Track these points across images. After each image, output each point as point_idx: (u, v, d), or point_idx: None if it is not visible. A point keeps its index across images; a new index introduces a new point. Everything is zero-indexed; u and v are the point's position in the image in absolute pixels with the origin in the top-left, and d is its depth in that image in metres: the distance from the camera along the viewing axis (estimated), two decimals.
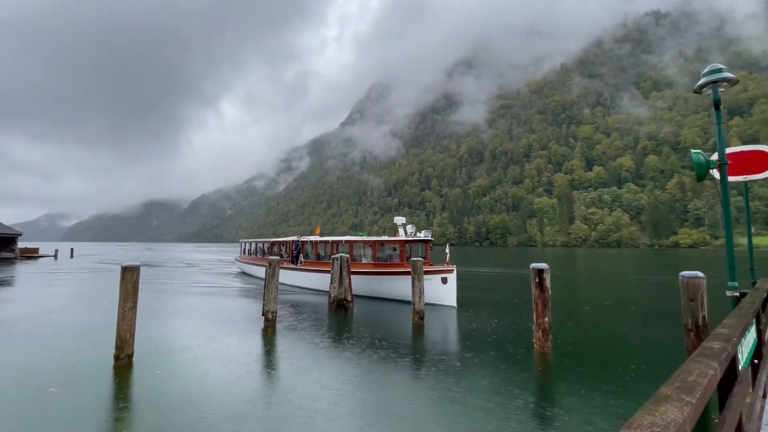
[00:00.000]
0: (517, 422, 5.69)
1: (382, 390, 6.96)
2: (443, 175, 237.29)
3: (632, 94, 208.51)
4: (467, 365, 8.37)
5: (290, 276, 21.65)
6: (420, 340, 10.83)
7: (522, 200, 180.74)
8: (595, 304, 17.30)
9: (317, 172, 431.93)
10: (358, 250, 19.27)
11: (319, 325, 12.31)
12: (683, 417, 1.17)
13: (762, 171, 5.95)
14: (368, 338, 10.62)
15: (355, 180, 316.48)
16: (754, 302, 4.03)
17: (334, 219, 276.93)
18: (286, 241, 24.13)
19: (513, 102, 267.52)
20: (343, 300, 15.59)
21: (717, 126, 5.10)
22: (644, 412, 1.20)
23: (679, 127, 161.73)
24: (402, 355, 9.10)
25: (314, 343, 10.28)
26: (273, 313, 12.43)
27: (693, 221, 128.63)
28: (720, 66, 5.14)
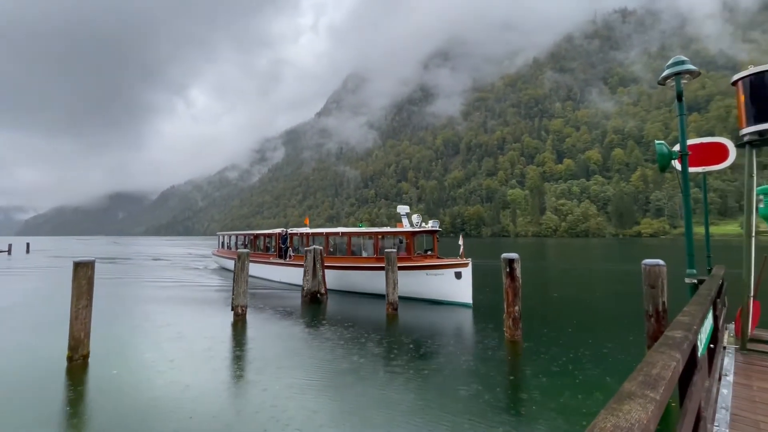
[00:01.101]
0: (488, 412, 5.72)
1: (354, 382, 6.86)
2: (419, 166, 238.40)
3: (600, 89, 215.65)
4: (440, 355, 8.39)
5: (278, 272, 20.09)
6: (394, 331, 10.78)
7: (496, 192, 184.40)
8: (564, 292, 17.85)
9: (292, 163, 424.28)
10: (357, 243, 17.73)
11: (292, 319, 12.05)
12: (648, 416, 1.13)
13: (720, 162, 6.18)
14: (341, 331, 10.48)
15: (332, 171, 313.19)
16: (710, 289, 4.15)
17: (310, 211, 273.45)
18: (272, 234, 22.39)
19: (488, 95, 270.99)
20: (316, 293, 15.35)
21: (680, 117, 5.20)
22: (607, 412, 1.15)
23: (642, 122, 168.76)
24: (375, 347, 9.02)
25: (285, 337, 10.05)
26: (243, 307, 12.08)
27: (654, 212, 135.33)
28: (683, 58, 5.22)
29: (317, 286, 15.40)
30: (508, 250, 14.16)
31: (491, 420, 5.46)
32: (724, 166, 6.20)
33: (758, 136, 5.09)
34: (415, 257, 16.01)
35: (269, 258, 21.27)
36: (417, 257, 16.14)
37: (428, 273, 14.73)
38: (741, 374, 4.54)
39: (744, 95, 5.16)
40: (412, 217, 16.98)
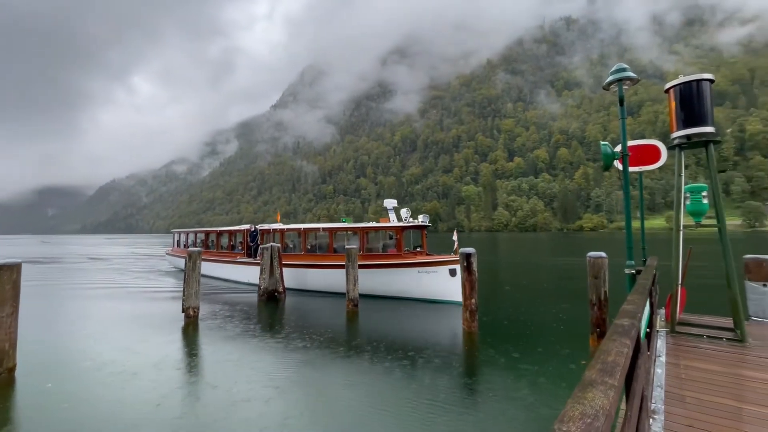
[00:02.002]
0: (446, 404, 5.88)
1: (311, 380, 6.75)
2: (378, 162, 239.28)
3: (548, 91, 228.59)
4: (398, 350, 8.49)
5: (246, 272, 18.21)
6: (354, 328, 10.76)
7: (452, 188, 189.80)
8: (515, 284, 18.79)
9: (246, 157, 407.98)
10: (340, 240, 16.45)
11: (247, 320, 11.62)
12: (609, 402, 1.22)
13: (654, 162, 6.79)
14: (300, 330, 10.27)
15: (288, 166, 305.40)
16: (647, 279, 4.54)
17: (265, 207, 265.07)
18: (239, 231, 20.29)
19: (443, 93, 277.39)
20: (274, 291, 14.93)
21: (621, 120, 5.62)
22: (574, 401, 1.22)
23: (584, 124, 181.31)
24: (333, 345, 8.93)
25: (240, 338, 9.66)
26: (194, 309, 11.46)
27: (594, 207, 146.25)
28: (625, 66, 5.64)
29: (275, 285, 14.97)
30: (463, 244, 14.49)
31: (448, 412, 5.62)
32: (657, 166, 6.82)
33: (686, 139, 5.63)
34: (406, 254, 15.11)
35: (236, 257, 19.46)
36: (407, 254, 15.25)
37: (421, 270, 13.95)
38: (671, 354, 5.03)
39: (675, 102, 5.68)
40: (401, 212, 15.91)
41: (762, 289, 6.41)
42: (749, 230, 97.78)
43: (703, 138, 5.58)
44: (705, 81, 5.56)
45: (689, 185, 5.88)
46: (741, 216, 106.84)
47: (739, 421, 3.34)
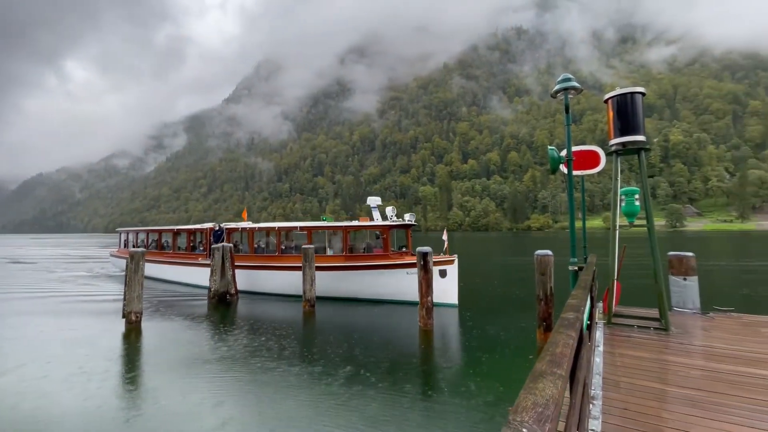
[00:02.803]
0: (401, 401, 5.95)
1: (263, 384, 6.54)
2: (336, 161, 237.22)
3: (500, 97, 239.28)
4: (354, 350, 8.46)
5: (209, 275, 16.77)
6: (310, 329, 10.58)
7: (409, 188, 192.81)
8: (469, 282, 19.46)
9: (196, 152, 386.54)
10: (320, 239, 15.44)
11: (196, 324, 11.02)
12: (558, 391, 1.29)
13: (594, 167, 7.34)
14: (252, 333, 9.91)
15: (242, 163, 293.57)
16: (589, 275, 4.90)
17: (216, 205, 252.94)
18: (201, 230, 18.58)
19: (402, 94, 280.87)
20: (225, 294, 14.29)
21: (566, 127, 6.02)
22: (526, 392, 1.27)
23: (533, 129, 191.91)
24: (287, 347, 8.72)
25: (186, 343, 9.13)
26: (137, 314, 10.67)
27: (541, 208, 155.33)
28: (570, 76, 6.04)
29: (226, 287, 14.34)
30: (420, 243, 14.68)
31: (404, 409, 5.70)
32: (597, 170, 7.40)
33: (622, 146, 6.14)
34: (393, 254, 14.45)
35: (197, 258, 17.67)
36: (394, 254, 14.59)
37: (410, 272, 13.19)
38: (608, 344, 5.46)
39: (613, 112, 6.18)
40: (387, 210, 15.21)
41: (683, 283, 7.15)
42: (671, 230, 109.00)
43: (636, 146, 6.12)
44: (638, 94, 6.10)
45: (624, 188, 6.42)
46: (665, 217, 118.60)
47: (663, 401, 3.71)
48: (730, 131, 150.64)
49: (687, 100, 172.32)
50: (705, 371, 4.43)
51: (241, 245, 17.43)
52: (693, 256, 7.20)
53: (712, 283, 16.34)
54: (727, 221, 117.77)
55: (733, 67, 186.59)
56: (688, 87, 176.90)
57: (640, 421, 3.35)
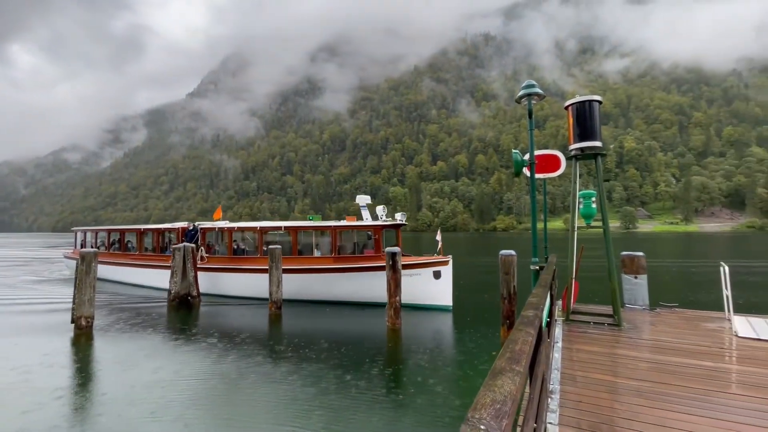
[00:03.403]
0: (369, 401, 5.94)
1: (226, 389, 6.33)
2: (306, 160, 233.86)
3: (468, 101, 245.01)
4: (322, 351, 8.37)
5: None
6: (276, 332, 10.36)
7: (380, 189, 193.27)
8: None
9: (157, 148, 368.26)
10: (307, 239, 14.74)
11: (154, 328, 10.48)
12: (516, 387, 1.32)
13: (555, 170, 7.68)
14: (215, 336, 9.56)
15: (206, 160, 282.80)
16: (549, 274, 5.11)
17: (178, 203, 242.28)
18: (172, 229, 17.34)
19: (373, 95, 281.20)
20: (186, 296, 13.71)
21: (530, 131, 6.25)
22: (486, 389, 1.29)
23: (499, 133, 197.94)
24: (253, 350, 8.49)
25: (142, 349, 8.66)
26: (88, 318, 10.02)
27: (506, 209, 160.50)
28: (533, 82, 6.28)
29: (187, 289, 13.76)
30: (389, 243, 14.70)
31: (372, 408, 5.70)
32: (558, 173, 7.74)
33: (581, 151, 6.46)
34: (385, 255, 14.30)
35: (168, 260, 16.04)
36: None
37: (403, 273, 12.74)
38: (566, 340, 5.72)
39: (572, 118, 6.49)
40: (377, 209, 14.64)
41: (634, 281, 7.62)
42: (625, 231, 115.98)
43: (593, 151, 6.45)
44: (595, 102, 6.44)
45: (582, 192, 6.75)
46: (619, 219, 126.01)
47: (614, 393, 3.93)
48: (676, 140, 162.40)
49: (639, 109, 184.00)
50: (651, 363, 4.74)
51: (217, 246, 16.40)
52: (643, 255, 7.69)
53: (659, 280, 17.52)
54: (673, 223, 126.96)
55: (679, 81, 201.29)
56: (640, 97, 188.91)
57: (593, 413, 3.48)
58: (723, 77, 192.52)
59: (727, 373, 4.42)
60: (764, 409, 3.52)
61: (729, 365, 4.69)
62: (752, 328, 5.99)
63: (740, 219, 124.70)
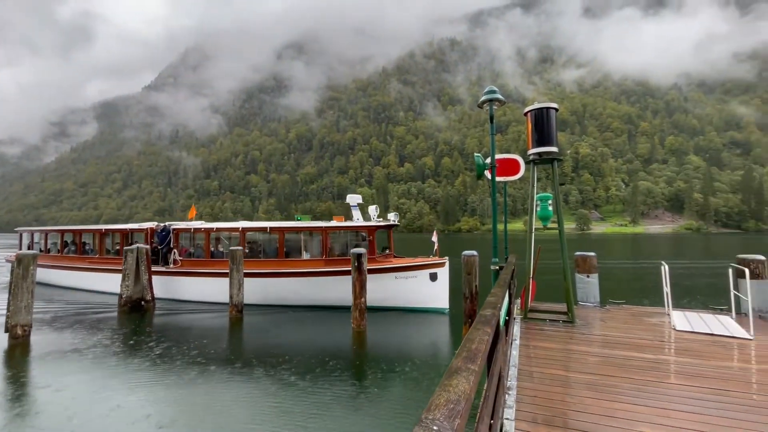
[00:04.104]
0: (333, 402, 5.88)
1: (181, 397, 6.03)
2: (271, 159, 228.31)
3: (435, 104, 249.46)
4: (287, 354, 8.19)
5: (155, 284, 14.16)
6: (237, 336, 10.01)
7: (347, 189, 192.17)
8: None
9: (109, 143, 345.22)
10: (295, 242, 13.96)
11: (101, 336, 9.80)
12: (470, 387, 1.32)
13: (515, 174, 7.99)
14: (172, 343, 9.09)
15: (164, 157, 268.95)
16: (507, 274, 5.28)
17: (132, 202, 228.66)
18: (138, 230, 15.98)
19: (340, 95, 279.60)
20: (139, 300, 12.94)
21: (491, 136, 6.45)
22: (441, 389, 1.29)
23: (464, 137, 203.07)
24: (213, 355, 8.16)
25: (85, 361, 8.07)
26: (24, 327, 9.20)
27: (470, 211, 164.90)
28: (495, 89, 6.48)
29: (141, 293, 13.00)
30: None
31: (333, 411, 5.64)
32: (518, 177, 8.05)
33: (538, 156, 6.74)
34: (380, 257, 13.38)
35: None
36: (381, 257, 13.50)
37: (398, 276, 12.48)
38: (524, 337, 5.94)
39: (531, 124, 6.76)
40: (369, 209, 14.04)
41: (587, 279, 8.05)
42: (580, 232, 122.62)
43: (550, 156, 6.75)
44: (552, 109, 6.75)
45: (539, 194, 7.05)
46: (574, 221, 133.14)
47: (567, 387, 4.13)
48: (625, 147, 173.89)
49: (593, 117, 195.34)
50: (601, 357, 5.02)
51: (192, 249, 15.25)
52: (594, 255, 8.14)
53: (609, 279, 18.66)
54: (622, 225, 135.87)
55: (628, 92, 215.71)
56: (594, 106, 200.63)
57: (547, 407, 3.63)
58: (666, 90, 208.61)
59: (666, 365, 4.77)
60: (698, 397, 3.82)
61: (668, 357, 5.06)
62: (688, 321, 6.50)
63: (680, 221, 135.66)
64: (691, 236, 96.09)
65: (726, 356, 5.02)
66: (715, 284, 16.31)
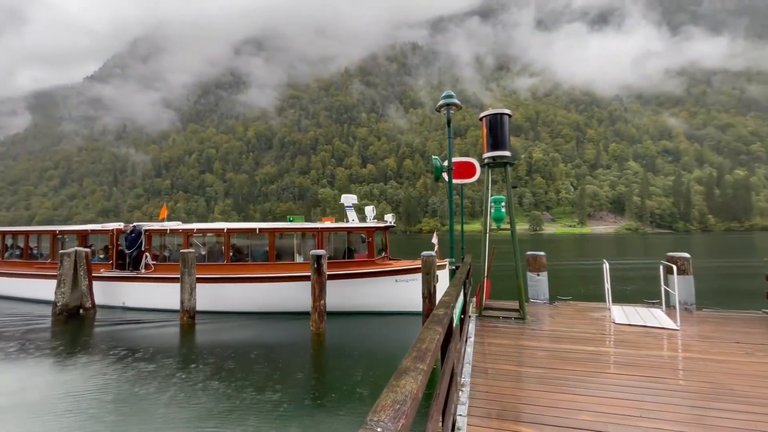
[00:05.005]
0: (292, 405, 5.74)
1: (132, 410, 5.63)
2: (228, 158, 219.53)
3: (397, 106, 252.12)
4: (245, 359, 7.90)
5: (126, 292, 13.08)
6: (190, 343, 9.51)
7: (308, 190, 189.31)
8: None
9: (44, 137, 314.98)
10: (287, 243, 13.25)
11: (32, 348, 8.92)
12: (417, 386, 1.34)
13: (471, 176, 8.25)
14: (115, 353, 8.46)
15: (109, 153, 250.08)
16: (463, 273, 5.43)
17: (71, 202, 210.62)
18: (101, 231, 14.39)
19: (302, 94, 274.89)
20: (77, 308, 11.93)
21: (448, 139, 6.61)
22: (388, 390, 1.29)
23: (426, 140, 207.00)
24: (164, 365, 7.70)
25: (24, 372, 7.34)
26: None
27: (431, 212, 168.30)
28: (451, 93, 6.66)
29: (79, 300, 11.99)
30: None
31: (295, 413, 5.51)
32: (474, 179, 8.32)
33: (492, 159, 7.00)
34: (379, 260, 12.93)
35: (99, 270, 13.62)
36: (380, 260, 13.03)
37: (399, 279, 12.07)
38: (479, 335, 6.14)
39: (486, 129, 7.01)
40: (366, 210, 13.70)
41: (537, 278, 8.47)
42: (533, 233, 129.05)
43: (503, 160, 7.03)
44: (506, 115, 7.03)
45: (493, 197, 7.32)
46: (528, 222, 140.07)
47: (519, 381, 4.31)
48: (574, 153, 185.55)
49: (545, 124, 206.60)
50: (549, 352, 5.30)
51: (167, 252, 14.05)
52: (544, 255, 8.58)
53: (558, 277, 19.77)
54: (571, 226, 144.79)
55: (576, 101, 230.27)
56: (546, 114, 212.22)
57: (499, 402, 3.76)
58: (609, 101, 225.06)
59: (606, 356, 5.12)
60: (633, 384, 4.14)
61: (608, 348, 5.44)
62: (625, 315, 7.03)
63: (621, 222, 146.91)
64: (631, 236, 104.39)
65: (657, 346, 5.48)
66: (649, 280, 17.81)
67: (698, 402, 3.73)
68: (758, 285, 8.63)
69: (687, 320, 6.71)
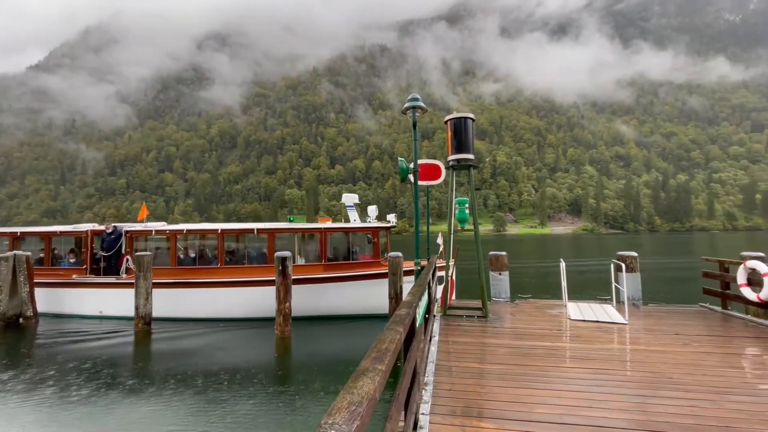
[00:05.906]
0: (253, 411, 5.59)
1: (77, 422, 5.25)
2: (189, 156, 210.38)
3: (366, 108, 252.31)
4: (206, 366, 7.59)
5: (103, 299, 11.95)
6: (144, 352, 9.02)
7: (275, 191, 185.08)
8: None
9: None
10: (287, 246, 12.54)
11: None
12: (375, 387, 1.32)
13: (437, 178, 8.40)
14: (62, 365, 7.87)
15: (55, 149, 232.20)
16: (427, 273, 5.52)
17: (12, 201, 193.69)
18: (74, 233, 13.19)
19: (269, 92, 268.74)
20: (16, 317, 11.00)
21: (414, 141, 6.71)
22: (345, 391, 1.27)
23: (394, 141, 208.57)
24: (115, 376, 7.25)
25: None
26: None
27: (399, 214, 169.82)
28: (417, 96, 6.75)
29: (18, 308, 11.06)
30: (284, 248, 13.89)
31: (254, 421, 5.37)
32: (439, 181, 8.48)
33: (456, 162, 7.17)
34: (383, 261, 12.41)
35: (70, 276, 12.38)
36: (384, 261, 12.39)
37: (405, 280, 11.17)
38: (443, 333, 6.25)
39: (450, 132, 7.17)
40: (369, 210, 13.27)
41: (499, 277, 8.75)
42: (497, 233, 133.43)
43: (467, 162, 7.22)
44: (469, 119, 7.23)
45: (457, 198, 7.50)
46: (492, 223, 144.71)
47: (481, 378, 4.43)
48: (535, 157, 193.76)
49: (509, 129, 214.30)
50: (510, 348, 5.49)
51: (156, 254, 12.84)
52: (506, 254, 8.89)
53: (519, 276, 20.55)
54: (532, 227, 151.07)
55: (538, 107, 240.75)
56: (509, 118, 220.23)
57: (462, 399, 3.84)
58: (567, 108, 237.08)
59: (562, 351, 5.38)
60: (585, 377, 4.37)
61: (564, 344, 5.71)
62: (580, 311, 7.42)
63: (578, 223, 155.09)
64: (587, 236, 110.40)
65: (607, 339, 5.83)
66: (602, 278, 18.91)
67: (641, 391, 4.00)
68: (697, 281, 9.39)
69: (634, 314, 7.18)
